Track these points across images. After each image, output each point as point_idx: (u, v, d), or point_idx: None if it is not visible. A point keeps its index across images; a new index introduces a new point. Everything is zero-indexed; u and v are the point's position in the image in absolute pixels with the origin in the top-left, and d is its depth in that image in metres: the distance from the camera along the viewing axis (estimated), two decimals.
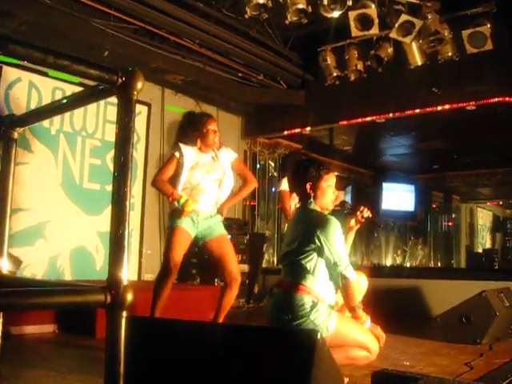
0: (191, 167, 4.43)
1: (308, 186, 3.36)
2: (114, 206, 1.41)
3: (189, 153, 4.45)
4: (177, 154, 4.43)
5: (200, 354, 2.01)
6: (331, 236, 3.16)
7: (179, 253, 4.32)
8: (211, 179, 4.52)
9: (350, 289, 3.18)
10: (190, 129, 4.52)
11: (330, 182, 3.40)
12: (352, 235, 3.71)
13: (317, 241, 3.16)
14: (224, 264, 4.47)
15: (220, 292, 4.58)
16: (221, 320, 4.55)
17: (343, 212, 3.71)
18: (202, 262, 6.68)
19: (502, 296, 5.25)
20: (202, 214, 4.43)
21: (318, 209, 3.36)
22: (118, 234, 1.38)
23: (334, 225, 3.20)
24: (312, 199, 3.36)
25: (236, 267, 4.53)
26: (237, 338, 2.02)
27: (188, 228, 4.38)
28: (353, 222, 3.65)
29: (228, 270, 4.46)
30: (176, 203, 4.33)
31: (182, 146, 4.45)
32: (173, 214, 4.43)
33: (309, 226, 3.27)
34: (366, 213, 3.58)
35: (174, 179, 4.44)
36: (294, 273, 3.21)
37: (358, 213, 3.58)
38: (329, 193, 3.39)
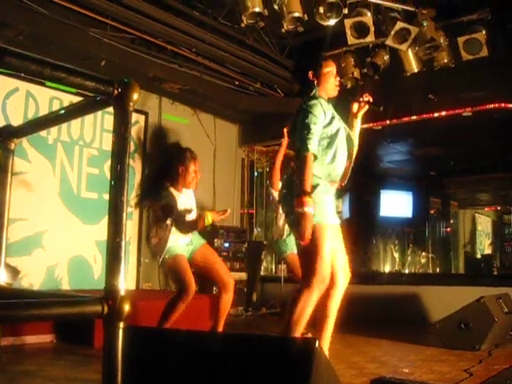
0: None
1: (310, 74, 3.61)
2: (110, 215, 1.42)
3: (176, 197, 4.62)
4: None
5: (198, 364, 2.01)
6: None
7: (190, 273, 4.47)
8: (190, 216, 4.69)
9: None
10: (175, 162, 4.65)
11: (330, 67, 3.62)
12: (358, 121, 3.77)
13: None
14: (213, 271, 4.60)
15: (216, 299, 4.62)
16: (221, 326, 4.58)
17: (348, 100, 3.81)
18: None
19: (501, 302, 5.25)
20: (186, 241, 4.61)
21: (323, 95, 3.60)
22: (115, 243, 1.39)
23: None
24: (316, 86, 3.59)
25: (226, 271, 4.67)
26: (235, 347, 2.01)
27: (184, 253, 4.55)
28: (355, 107, 3.75)
29: (219, 275, 4.58)
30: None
31: (171, 191, 4.58)
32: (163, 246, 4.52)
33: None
34: (366, 97, 3.69)
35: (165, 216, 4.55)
36: None
37: (360, 98, 3.69)
38: (331, 79, 3.61)
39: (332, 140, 3.52)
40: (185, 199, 4.71)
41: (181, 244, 4.54)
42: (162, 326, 4.35)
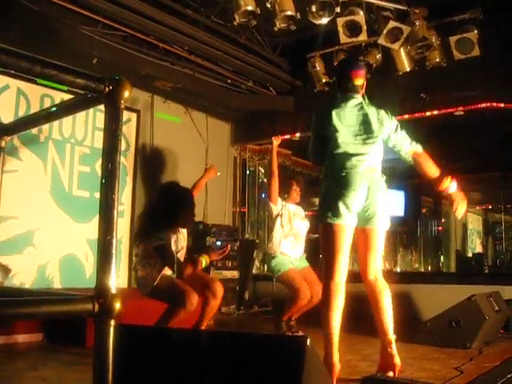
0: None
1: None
2: (101, 213, 1.41)
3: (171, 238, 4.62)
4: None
5: (189, 362, 2.01)
6: None
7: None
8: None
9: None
10: (174, 204, 4.64)
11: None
12: None
13: None
14: (203, 286, 4.63)
15: (202, 303, 4.63)
16: (203, 326, 4.58)
17: None
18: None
19: (492, 300, 5.28)
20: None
21: None
22: (106, 241, 1.38)
23: None
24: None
25: (213, 281, 4.73)
26: (226, 345, 2.01)
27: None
28: None
29: (207, 287, 4.63)
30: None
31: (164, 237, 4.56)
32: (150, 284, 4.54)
33: None
34: None
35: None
36: None
37: None
38: None
39: None
40: (178, 237, 4.70)
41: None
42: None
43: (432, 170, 3.95)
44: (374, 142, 3.77)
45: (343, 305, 3.61)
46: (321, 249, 3.77)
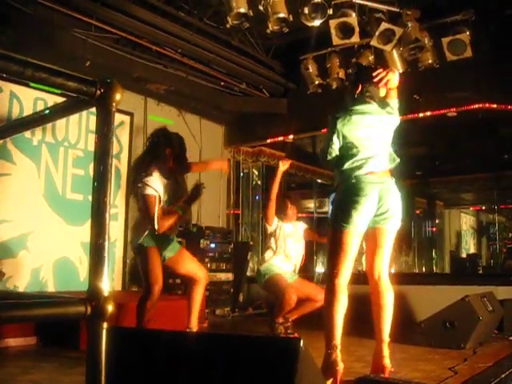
0: (164, 192, 4.53)
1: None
2: (93, 216, 1.42)
3: (158, 184, 4.49)
4: (152, 192, 4.44)
5: (182, 364, 2.01)
6: None
7: (159, 273, 4.47)
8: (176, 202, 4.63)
9: None
10: (165, 145, 4.57)
11: None
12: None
13: None
14: (190, 275, 4.62)
15: (187, 297, 4.66)
16: (193, 324, 4.55)
17: None
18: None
19: (485, 300, 5.29)
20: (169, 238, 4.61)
21: None
22: (98, 244, 1.39)
23: None
24: None
25: (200, 270, 4.68)
26: (220, 347, 2.01)
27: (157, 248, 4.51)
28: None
29: (193, 275, 4.61)
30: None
31: (151, 183, 4.45)
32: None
33: None
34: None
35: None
36: None
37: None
38: None
39: None
40: (173, 186, 4.61)
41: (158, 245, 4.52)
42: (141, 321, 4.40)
43: None
44: None
45: (346, 306, 3.64)
46: (328, 250, 3.79)
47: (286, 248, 5.78)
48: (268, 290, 5.86)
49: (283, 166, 5.83)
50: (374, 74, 3.89)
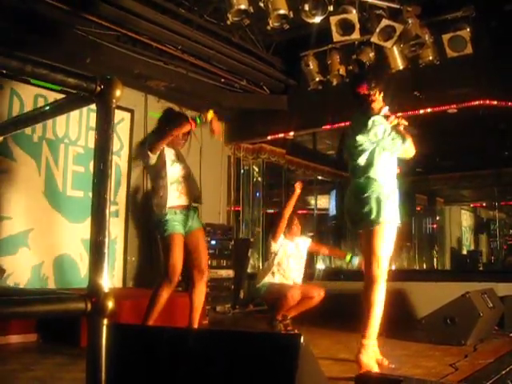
0: (171, 162, 4.62)
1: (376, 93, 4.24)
2: (93, 213, 1.42)
3: (166, 150, 4.62)
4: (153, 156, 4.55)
5: (183, 360, 2.01)
6: None
7: (180, 261, 4.47)
8: (184, 174, 4.72)
9: None
10: (167, 123, 4.65)
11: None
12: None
13: None
14: (196, 257, 4.60)
15: (189, 293, 4.60)
16: (196, 322, 4.56)
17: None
18: (185, 269, 6.69)
19: (486, 297, 5.30)
20: (185, 211, 4.61)
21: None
22: (99, 241, 1.39)
23: None
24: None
25: (205, 261, 4.67)
26: (220, 343, 2.01)
27: (180, 230, 4.53)
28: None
29: (197, 262, 4.59)
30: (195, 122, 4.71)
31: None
32: (162, 217, 4.49)
33: None
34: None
35: (157, 175, 4.60)
36: None
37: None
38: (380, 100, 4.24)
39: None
40: (177, 155, 4.78)
41: (178, 221, 4.54)
42: (150, 312, 4.38)
43: None
44: None
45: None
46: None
47: (286, 268, 5.84)
48: (270, 297, 5.88)
49: (299, 188, 5.93)
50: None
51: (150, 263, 7.47)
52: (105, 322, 1.34)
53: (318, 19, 5.93)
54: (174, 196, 4.54)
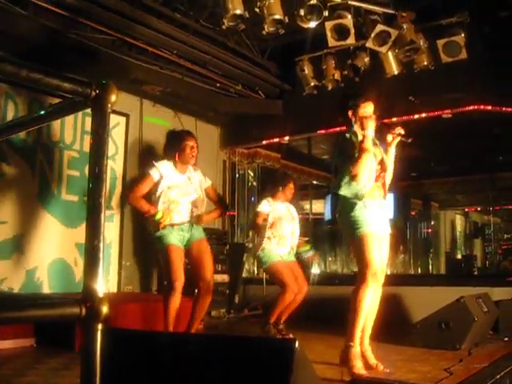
0: (168, 187, 4.60)
1: (350, 113, 4.19)
2: (88, 217, 1.41)
3: (167, 172, 4.61)
4: (153, 174, 4.55)
5: (178, 365, 2.01)
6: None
7: (181, 271, 4.53)
8: (187, 199, 4.76)
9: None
10: (170, 145, 4.73)
11: (366, 108, 4.17)
12: (392, 149, 4.38)
13: None
14: (200, 269, 4.63)
15: (193, 300, 4.64)
16: (194, 329, 4.58)
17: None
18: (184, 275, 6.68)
19: (481, 301, 5.30)
20: (183, 226, 4.69)
21: (359, 131, 4.10)
22: (93, 245, 1.38)
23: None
24: (354, 124, 4.15)
25: (211, 273, 4.73)
26: (215, 348, 2.01)
27: (176, 242, 4.61)
28: (389, 137, 4.34)
29: (202, 275, 4.64)
30: (153, 218, 4.52)
31: (158, 165, 4.58)
32: (156, 231, 4.58)
33: None
34: (398, 130, 4.29)
35: (149, 196, 4.61)
36: None
37: (392, 130, 4.30)
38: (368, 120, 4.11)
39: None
40: (185, 181, 4.76)
41: (175, 234, 4.60)
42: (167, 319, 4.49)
43: None
44: None
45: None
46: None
47: (280, 231, 5.85)
48: (269, 276, 6.07)
49: None
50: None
51: (146, 268, 7.47)
52: (99, 326, 1.33)
53: (313, 24, 5.96)
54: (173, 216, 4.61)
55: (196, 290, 4.73)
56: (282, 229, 5.88)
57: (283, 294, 5.62)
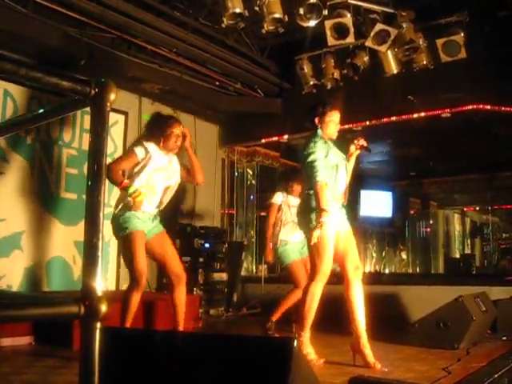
0: (155, 169, 4.43)
1: (316, 120, 4.41)
2: (87, 215, 1.41)
3: (156, 154, 4.44)
4: (139, 152, 4.40)
5: (177, 364, 2.01)
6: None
7: (144, 260, 4.32)
8: (165, 184, 4.51)
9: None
10: (155, 128, 4.55)
11: (332, 117, 4.41)
12: (353, 158, 4.61)
13: None
14: (167, 262, 4.48)
15: (170, 296, 4.53)
16: (181, 324, 4.51)
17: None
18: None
19: (479, 301, 5.31)
20: (149, 214, 4.44)
21: (325, 137, 4.39)
22: (92, 243, 1.38)
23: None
24: (319, 130, 4.40)
25: (179, 264, 4.54)
26: (213, 347, 2.01)
27: (143, 228, 4.37)
28: (352, 148, 4.57)
29: (172, 268, 4.48)
30: (126, 192, 4.27)
31: (148, 145, 4.42)
32: (125, 214, 4.35)
33: None
34: (361, 141, 4.54)
35: (129, 174, 4.42)
36: None
37: (355, 141, 4.53)
38: (332, 126, 4.41)
39: (332, 170, 4.32)
40: (166, 164, 4.53)
41: (141, 221, 4.37)
42: (125, 315, 4.25)
43: None
44: None
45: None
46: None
47: (292, 216, 5.82)
48: (287, 273, 6.02)
49: None
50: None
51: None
52: (98, 325, 1.33)
53: (312, 23, 5.96)
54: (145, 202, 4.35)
55: (169, 286, 4.57)
56: (293, 215, 5.87)
57: (294, 293, 5.61)
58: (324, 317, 5.89)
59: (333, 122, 4.43)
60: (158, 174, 4.44)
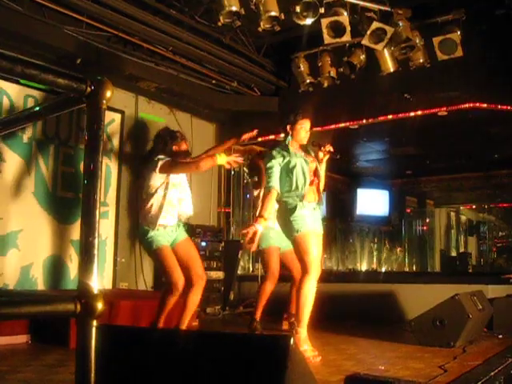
0: (173, 184, 4.78)
1: (288, 127, 4.77)
2: (83, 214, 1.41)
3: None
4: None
5: (173, 362, 2.01)
6: None
7: (176, 268, 4.66)
8: (179, 197, 4.88)
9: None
10: (167, 144, 4.80)
11: (302, 125, 4.75)
12: (323, 164, 4.87)
13: None
14: (191, 265, 4.75)
15: (186, 296, 4.66)
16: (185, 323, 4.60)
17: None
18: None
19: (475, 299, 5.32)
20: (171, 227, 4.78)
21: (295, 143, 4.77)
22: (88, 242, 1.38)
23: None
24: (290, 136, 4.76)
25: (200, 266, 4.86)
26: (210, 345, 2.01)
27: (165, 243, 4.71)
28: (321, 154, 4.84)
29: (195, 269, 4.75)
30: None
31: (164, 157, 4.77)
32: (149, 234, 4.67)
33: None
34: (328, 148, 4.81)
35: (153, 192, 4.72)
36: None
37: (323, 148, 4.82)
38: (302, 132, 4.75)
39: (292, 174, 4.61)
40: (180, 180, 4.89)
41: (163, 236, 4.71)
42: (160, 315, 4.65)
43: None
44: None
45: None
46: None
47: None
48: (261, 258, 6.04)
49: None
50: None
51: (141, 264, 7.47)
52: (94, 323, 1.33)
53: (309, 21, 5.96)
54: (163, 216, 4.69)
55: (188, 284, 4.74)
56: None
57: (266, 285, 5.61)
58: (321, 315, 5.91)
59: (303, 129, 4.76)
60: (173, 190, 4.79)
